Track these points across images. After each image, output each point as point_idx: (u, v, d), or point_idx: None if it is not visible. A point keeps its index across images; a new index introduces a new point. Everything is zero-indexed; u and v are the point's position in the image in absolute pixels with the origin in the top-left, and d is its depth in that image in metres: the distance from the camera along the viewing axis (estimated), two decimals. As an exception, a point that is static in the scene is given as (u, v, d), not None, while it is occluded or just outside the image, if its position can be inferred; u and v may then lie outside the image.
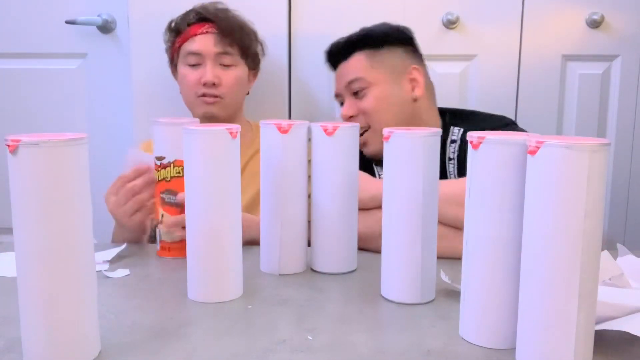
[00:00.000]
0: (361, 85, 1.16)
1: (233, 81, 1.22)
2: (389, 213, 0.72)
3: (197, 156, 0.71)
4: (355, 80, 1.16)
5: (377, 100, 1.16)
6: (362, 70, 1.16)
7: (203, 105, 1.21)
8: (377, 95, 1.16)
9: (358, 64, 1.17)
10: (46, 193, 0.53)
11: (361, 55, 1.17)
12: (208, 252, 0.72)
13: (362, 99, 1.17)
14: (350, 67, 1.18)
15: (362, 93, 1.17)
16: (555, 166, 0.52)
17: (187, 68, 1.22)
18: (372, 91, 1.16)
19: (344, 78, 1.19)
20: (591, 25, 1.38)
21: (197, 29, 1.21)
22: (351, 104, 1.18)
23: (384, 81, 1.17)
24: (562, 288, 0.52)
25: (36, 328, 0.54)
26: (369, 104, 1.16)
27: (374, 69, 1.17)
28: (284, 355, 0.58)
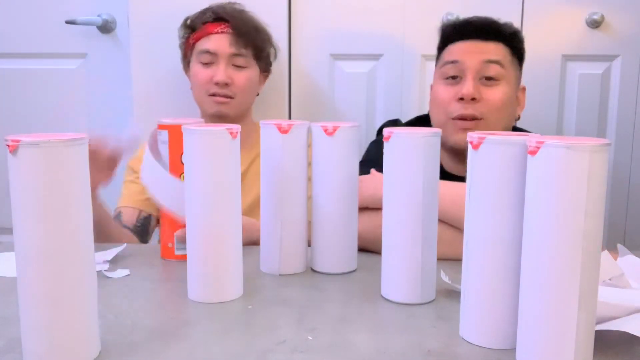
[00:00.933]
0: (498, 73, 1.07)
1: (245, 82, 1.23)
2: (389, 213, 0.72)
3: (197, 156, 0.71)
4: (496, 62, 1.07)
5: (505, 98, 1.08)
6: (504, 58, 1.09)
7: (214, 104, 1.22)
8: (507, 93, 1.08)
9: (500, 50, 1.09)
10: (46, 193, 0.53)
11: (505, 47, 1.10)
12: (208, 252, 0.72)
13: (492, 88, 1.07)
14: (491, 49, 1.08)
15: (494, 82, 1.08)
16: (555, 166, 0.52)
17: (200, 66, 1.23)
18: (504, 86, 1.08)
19: (484, 55, 1.08)
20: (591, 25, 1.38)
21: (213, 28, 1.22)
22: (475, 85, 1.06)
23: (513, 84, 1.11)
24: (562, 288, 0.52)
25: (36, 328, 0.54)
26: (498, 96, 1.07)
27: (510, 65, 1.10)
28: (284, 355, 0.58)
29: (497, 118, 1.07)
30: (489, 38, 1.09)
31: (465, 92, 1.05)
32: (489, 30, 1.10)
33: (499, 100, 1.07)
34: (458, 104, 1.07)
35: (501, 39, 1.10)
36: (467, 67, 1.08)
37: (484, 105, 1.06)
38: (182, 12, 1.39)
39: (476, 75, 1.08)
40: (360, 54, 1.44)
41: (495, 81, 1.07)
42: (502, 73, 1.07)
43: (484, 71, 1.07)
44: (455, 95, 1.07)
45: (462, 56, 1.09)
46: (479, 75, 1.08)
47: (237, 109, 1.24)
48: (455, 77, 1.10)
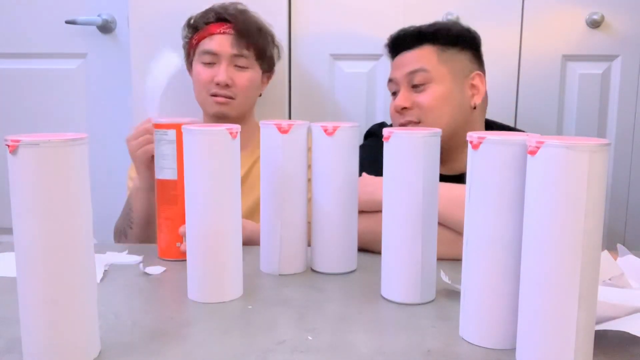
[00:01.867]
0: (423, 79, 1.12)
1: (246, 83, 1.23)
2: (389, 213, 0.72)
3: (197, 156, 0.71)
4: (419, 71, 1.12)
5: (436, 98, 1.12)
6: (428, 63, 1.12)
7: (214, 105, 1.22)
8: (438, 92, 1.12)
9: (426, 56, 1.13)
10: (46, 193, 0.53)
11: (430, 48, 1.14)
12: (208, 252, 0.72)
13: (421, 93, 1.12)
14: (416, 57, 1.14)
15: (422, 87, 1.12)
16: (555, 166, 0.52)
17: (202, 66, 1.23)
18: (433, 87, 1.12)
19: (406, 67, 1.14)
20: (591, 25, 1.38)
21: (215, 29, 1.22)
22: (407, 95, 1.13)
23: (448, 80, 1.13)
24: (562, 288, 0.52)
25: (36, 328, 0.54)
26: (427, 99, 1.12)
27: (440, 64, 1.13)
28: (284, 355, 0.58)
29: (434, 117, 1.12)
30: (412, 45, 1.15)
31: (397, 104, 1.14)
32: (409, 38, 1.16)
33: (429, 102, 1.12)
34: (398, 114, 1.15)
35: (425, 42, 1.14)
36: (399, 82, 1.16)
37: (417, 110, 1.13)
38: (182, 12, 1.39)
39: (407, 86, 1.14)
40: (360, 54, 1.44)
41: (423, 86, 1.13)
42: (429, 76, 1.12)
43: (412, 81, 1.13)
44: (394, 106, 1.16)
45: (393, 73, 1.18)
46: (409, 84, 1.14)
47: (237, 110, 1.24)
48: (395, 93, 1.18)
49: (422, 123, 1.13)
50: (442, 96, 1.12)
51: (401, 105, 1.13)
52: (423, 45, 1.14)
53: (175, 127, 0.87)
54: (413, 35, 1.15)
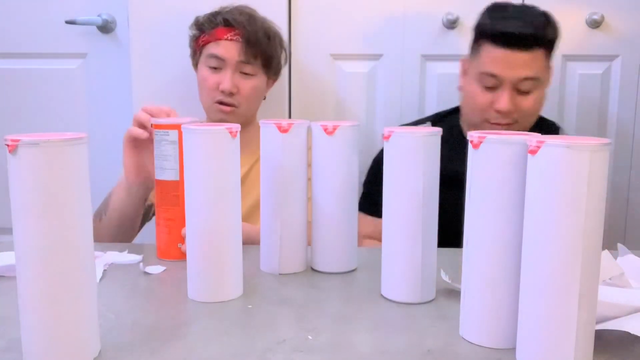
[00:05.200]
0: (533, 85, 1.11)
1: (250, 91, 1.23)
2: (389, 213, 0.72)
3: (197, 156, 0.71)
4: (531, 79, 1.10)
5: (537, 102, 1.13)
6: (541, 70, 1.11)
7: (218, 112, 1.22)
8: (540, 97, 1.13)
9: (539, 61, 1.10)
10: (46, 193, 0.52)
11: (542, 52, 1.11)
12: (208, 252, 0.72)
13: (525, 97, 1.11)
14: (530, 61, 1.09)
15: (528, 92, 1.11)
16: (555, 166, 0.52)
17: (208, 70, 1.23)
18: (537, 93, 1.12)
19: (520, 70, 1.09)
20: (591, 25, 1.38)
21: (223, 34, 1.21)
22: (513, 98, 1.11)
23: (545, 83, 1.14)
24: (563, 288, 0.52)
25: (36, 328, 0.54)
26: (530, 104, 1.12)
27: (546, 70, 1.13)
28: (284, 355, 0.58)
29: (530, 120, 1.15)
30: (527, 47, 1.09)
31: (502, 107, 1.10)
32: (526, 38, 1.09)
33: (532, 107, 1.13)
34: (495, 112, 1.13)
35: (538, 44, 1.10)
36: (505, 81, 1.11)
37: (517, 112, 1.13)
38: (182, 12, 1.39)
39: (513, 88, 1.11)
40: (360, 54, 1.44)
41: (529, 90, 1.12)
42: (537, 84, 1.11)
43: (520, 85, 1.11)
44: (492, 104, 1.12)
45: (501, 71, 1.11)
46: (515, 87, 1.12)
47: (241, 117, 1.24)
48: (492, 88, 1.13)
49: (516, 124, 1.13)
50: (541, 100, 1.14)
51: (508, 109, 1.10)
52: (537, 49, 1.10)
53: (177, 128, 0.87)
54: (531, 36, 1.10)
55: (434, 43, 1.42)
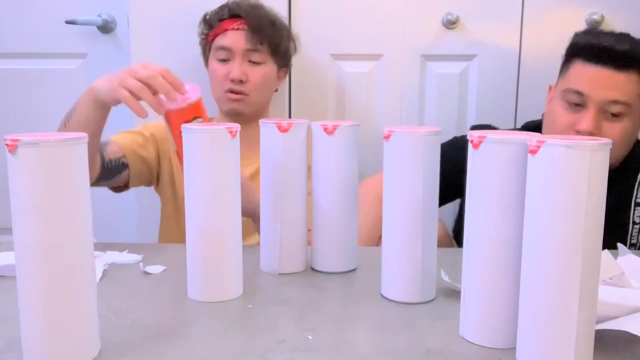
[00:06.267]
0: (621, 111, 1.01)
1: (260, 79, 1.24)
2: (389, 213, 0.72)
3: (197, 156, 0.71)
4: (621, 103, 1.01)
5: (624, 133, 1.02)
6: (631, 95, 1.01)
7: (228, 101, 1.23)
8: (626, 127, 1.02)
9: (631, 85, 1.01)
10: (45, 193, 0.52)
11: (637, 76, 1.01)
12: (208, 251, 0.72)
13: (611, 123, 1.02)
14: (622, 83, 1.01)
15: (614, 117, 1.02)
16: (556, 166, 0.52)
17: (217, 63, 1.24)
18: (625, 122, 1.02)
19: (609, 92, 1.01)
20: (591, 25, 1.38)
21: (229, 25, 1.23)
22: (596, 120, 1.01)
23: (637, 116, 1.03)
24: (563, 288, 0.52)
25: (36, 328, 0.54)
26: (617, 133, 1.02)
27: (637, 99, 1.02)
28: (284, 355, 0.58)
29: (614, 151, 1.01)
30: (620, 66, 1.01)
31: (584, 128, 1.02)
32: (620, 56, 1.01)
33: (617, 136, 1.02)
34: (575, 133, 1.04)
35: (633, 66, 1.02)
36: (591, 101, 1.03)
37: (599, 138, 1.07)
38: (182, 12, 1.39)
39: (599, 110, 1.03)
40: (360, 54, 1.44)
41: (617, 116, 1.03)
42: (626, 110, 1.02)
43: (608, 107, 1.02)
44: (574, 124, 1.04)
45: (588, 89, 1.03)
46: (602, 109, 1.03)
47: (252, 106, 1.24)
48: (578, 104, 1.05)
49: None
50: (628, 132, 1.03)
51: (590, 131, 1.01)
52: (630, 70, 1.01)
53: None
54: (624, 55, 1.01)
55: (434, 43, 1.42)
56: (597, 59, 1.02)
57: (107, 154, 1.11)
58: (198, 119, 0.91)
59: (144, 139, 1.22)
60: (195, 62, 1.35)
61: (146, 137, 1.22)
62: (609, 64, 1.01)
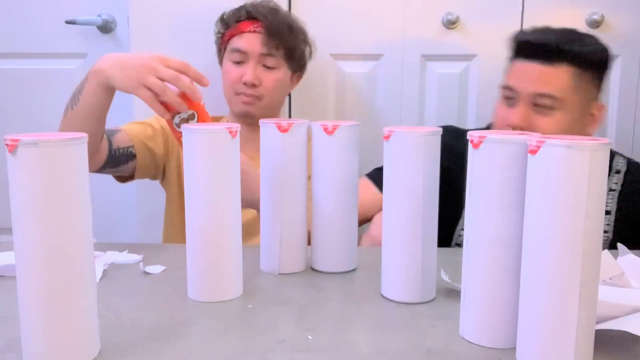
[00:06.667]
0: (550, 104, 1.01)
1: (273, 83, 1.23)
2: (389, 212, 0.72)
3: (197, 156, 0.71)
4: (548, 96, 1.01)
5: (557, 127, 1.01)
6: (561, 88, 1.01)
7: (240, 104, 1.22)
8: (560, 121, 1.01)
9: (560, 78, 1.01)
10: (46, 193, 0.52)
11: (567, 69, 1.01)
12: (208, 251, 0.72)
13: (542, 117, 1.02)
14: (549, 77, 1.01)
15: (544, 110, 1.02)
16: (556, 166, 0.52)
17: (231, 64, 1.23)
18: (557, 114, 1.01)
19: (535, 84, 1.02)
20: (591, 25, 1.38)
21: (246, 27, 1.23)
22: (526, 114, 1.02)
23: (574, 109, 1.02)
24: (563, 288, 0.52)
25: (36, 328, 0.54)
26: (547, 126, 1.01)
27: (572, 91, 1.01)
28: (284, 355, 0.58)
29: None
30: (548, 59, 1.01)
31: (513, 121, 1.03)
32: (546, 49, 1.02)
33: (549, 130, 1.01)
34: (509, 127, 1.05)
35: (567, 60, 1.01)
36: (520, 95, 1.04)
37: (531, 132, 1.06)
38: (182, 12, 1.39)
39: (528, 103, 1.03)
40: (360, 54, 1.44)
41: (548, 110, 1.02)
42: (557, 103, 1.01)
43: (536, 101, 1.03)
44: (508, 120, 1.05)
45: (517, 83, 1.05)
46: (531, 103, 1.03)
47: (263, 110, 1.23)
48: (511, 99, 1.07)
49: None
50: (563, 126, 1.02)
51: (517, 125, 1.02)
52: (560, 63, 1.01)
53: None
54: (553, 48, 1.02)
55: (434, 43, 1.42)
56: (527, 54, 1.03)
57: (115, 142, 1.11)
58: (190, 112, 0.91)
59: (154, 131, 1.22)
60: (195, 62, 1.34)
61: (156, 130, 1.22)
62: (538, 59, 1.02)
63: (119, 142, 1.12)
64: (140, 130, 1.20)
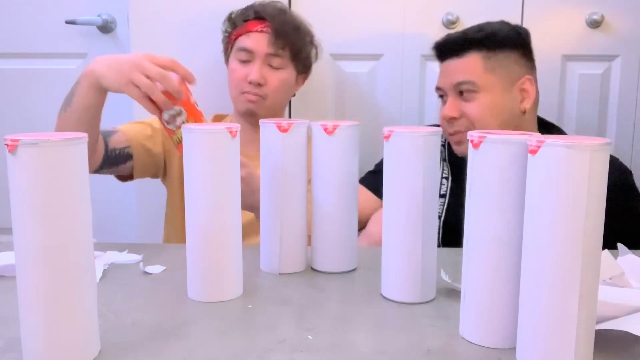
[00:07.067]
0: (470, 89, 1.10)
1: (278, 83, 1.24)
2: (389, 212, 0.72)
3: (197, 156, 0.71)
4: (466, 82, 1.10)
5: (484, 108, 1.10)
6: (475, 73, 1.10)
7: (245, 102, 1.23)
8: (486, 102, 1.10)
9: (472, 65, 1.11)
10: (46, 193, 0.52)
11: (477, 55, 1.11)
12: (208, 251, 0.72)
13: (469, 102, 1.11)
14: (462, 66, 1.12)
15: (469, 96, 1.11)
16: (556, 166, 0.52)
17: (237, 63, 1.24)
18: (480, 97, 1.10)
19: (453, 77, 1.12)
20: (591, 25, 1.38)
21: (253, 26, 1.23)
22: (455, 104, 1.12)
23: (495, 88, 1.11)
24: (563, 288, 0.52)
25: (36, 328, 0.54)
26: (475, 110, 1.10)
27: (487, 73, 1.10)
28: (284, 354, 0.58)
29: (483, 127, 1.11)
30: (458, 53, 1.12)
31: (445, 113, 1.13)
32: (454, 44, 1.13)
33: (477, 113, 1.11)
34: (447, 122, 1.15)
35: (471, 48, 1.11)
36: (446, 90, 1.15)
37: (465, 120, 1.13)
38: (182, 12, 1.39)
39: (454, 95, 1.13)
40: (360, 54, 1.44)
41: (471, 94, 1.11)
42: (477, 87, 1.10)
43: (460, 89, 1.12)
44: (442, 115, 1.15)
45: (440, 81, 1.17)
46: (456, 93, 1.13)
47: (267, 110, 1.24)
48: (442, 97, 1.18)
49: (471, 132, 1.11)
50: (490, 106, 1.10)
51: (449, 115, 1.12)
52: (469, 53, 1.11)
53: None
54: (458, 42, 1.13)
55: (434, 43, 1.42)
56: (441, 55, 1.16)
57: (111, 143, 1.12)
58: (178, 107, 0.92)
59: (153, 130, 1.22)
60: (195, 62, 1.34)
61: (155, 129, 1.22)
62: (449, 56, 1.14)
63: (115, 143, 1.13)
64: (138, 130, 1.20)
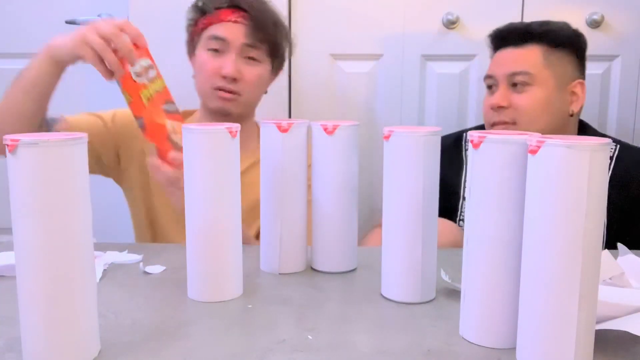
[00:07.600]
0: (525, 80, 1.11)
1: (254, 78, 1.12)
2: (389, 213, 0.72)
3: (197, 156, 0.71)
4: (522, 73, 1.11)
5: (536, 102, 1.11)
6: (533, 65, 1.11)
7: (218, 99, 1.11)
8: (538, 96, 1.11)
9: (531, 56, 1.12)
10: (46, 193, 0.52)
11: (537, 48, 1.12)
12: (208, 251, 0.72)
13: (520, 94, 1.12)
14: (521, 56, 1.12)
15: (522, 88, 1.12)
16: (556, 166, 0.52)
17: (208, 53, 1.11)
18: (534, 90, 1.11)
19: (509, 66, 1.13)
20: (591, 25, 1.38)
21: (227, 15, 1.11)
22: (505, 94, 1.13)
23: (549, 84, 1.12)
24: (563, 288, 0.52)
25: (36, 328, 0.54)
26: (525, 102, 1.11)
27: (545, 68, 1.11)
28: (283, 354, 0.58)
29: (529, 120, 1.11)
30: (518, 43, 1.13)
31: (494, 102, 1.13)
32: (516, 34, 1.14)
33: (527, 105, 1.11)
34: (493, 111, 1.15)
35: (532, 40, 1.12)
36: (498, 79, 1.15)
37: (513, 111, 1.13)
38: (182, 12, 1.39)
39: (506, 84, 1.13)
40: (360, 54, 1.44)
41: (524, 86, 1.12)
42: (531, 79, 1.11)
43: (513, 80, 1.13)
44: (490, 103, 1.15)
45: (494, 69, 1.16)
46: (509, 83, 1.13)
47: (242, 107, 1.14)
48: (491, 87, 1.18)
49: (516, 125, 1.12)
50: (541, 101, 1.11)
51: (498, 103, 1.12)
52: (529, 44, 1.12)
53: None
54: (521, 32, 1.13)
55: (434, 43, 1.42)
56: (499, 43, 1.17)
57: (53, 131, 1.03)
58: (170, 102, 0.92)
59: (105, 127, 1.13)
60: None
61: (108, 128, 1.13)
62: (508, 44, 1.15)
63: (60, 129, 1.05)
64: (86, 121, 1.11)
